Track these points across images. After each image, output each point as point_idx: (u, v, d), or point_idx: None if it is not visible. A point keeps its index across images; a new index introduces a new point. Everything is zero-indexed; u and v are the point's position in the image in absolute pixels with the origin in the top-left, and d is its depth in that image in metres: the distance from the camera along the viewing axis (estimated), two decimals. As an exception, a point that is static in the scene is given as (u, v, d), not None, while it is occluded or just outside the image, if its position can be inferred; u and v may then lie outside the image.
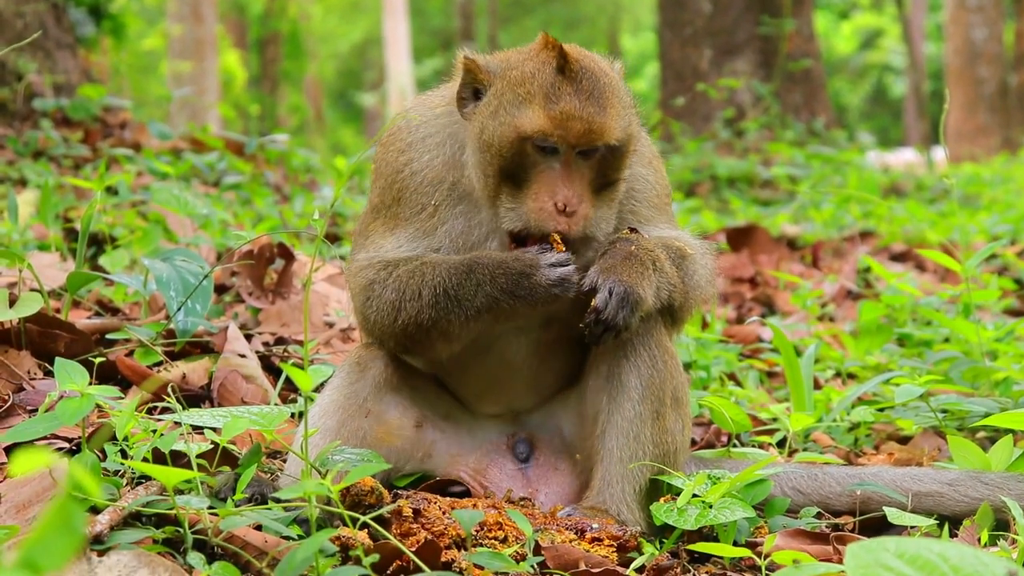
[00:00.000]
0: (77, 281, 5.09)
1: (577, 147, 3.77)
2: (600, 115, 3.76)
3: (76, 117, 10.62)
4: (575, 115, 3.74)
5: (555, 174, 3.78)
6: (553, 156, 3.78)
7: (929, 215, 12.48)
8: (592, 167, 3.81)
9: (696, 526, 3.71)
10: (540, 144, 3.76)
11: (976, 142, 30.59)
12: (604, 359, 4.00)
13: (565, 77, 3.78)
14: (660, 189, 4.21)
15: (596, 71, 3.84)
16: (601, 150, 3.79)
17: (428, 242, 4.02)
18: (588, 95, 3.77)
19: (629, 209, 4.09)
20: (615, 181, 3.89)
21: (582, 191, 3.79)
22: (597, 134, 3.75)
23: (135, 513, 3.36)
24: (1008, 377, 5.33)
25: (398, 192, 4.08)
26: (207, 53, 29.53)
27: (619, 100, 3.85)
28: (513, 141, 3.78)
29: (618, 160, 3.86)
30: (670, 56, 19.20)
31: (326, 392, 4.09)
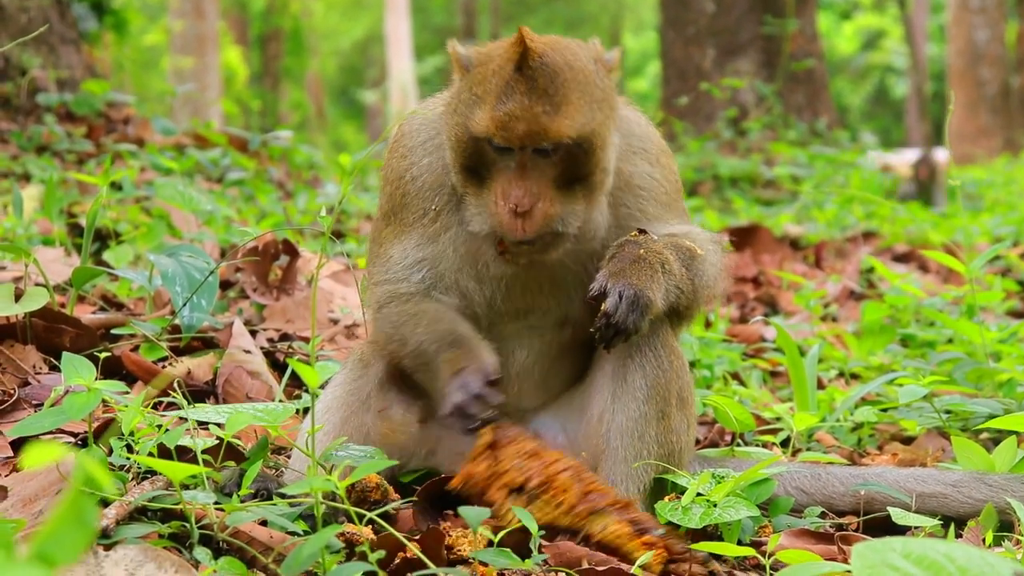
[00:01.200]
0: (82, 276, 5.09)
1: (526, 148, 3.71)
2: (549, 114, 3.67)
3: (80, 112, 10.62)
4: (520, 116, 3.66)
5: (511, 174, 3.74)
6: (509, 155, 3.73)
7: (932, 216, 12.48)
8: (554, 164, 3.74)
9: (701, 525, 3.71)
10: (493, 144, 3.73)
11: (978, 143, 30.60)
12: (610, 358, 3.99)
13: (522, 75, 3.69)
14: (669, 186, 4.17)
15: (559, 66, 3.73)
16: (560, 148, 3.72)
17: (433, 249, 4.03)
18: (541, 94, 3.68)
19: (637, 208, 4.07)
20: (587, 176, 3.80)
21: (539, 190, 3.72)
22: (543, 134, 3.67)
23: (141, 508, 3.36)
24: (1012, 378, 5.33)
25: (401, 198, 4.09)
26: (208, 49, 29.52)
27: (581, 96, 3.74)
28: (467, 141, 3.77)
29: (584, 157, 3.76)
30: (673, 55, 19.20)
31: (329, 389, 4.10)
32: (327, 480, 3.16)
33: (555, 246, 3.84)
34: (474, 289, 4.04)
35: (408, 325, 3.94)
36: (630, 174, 4.08)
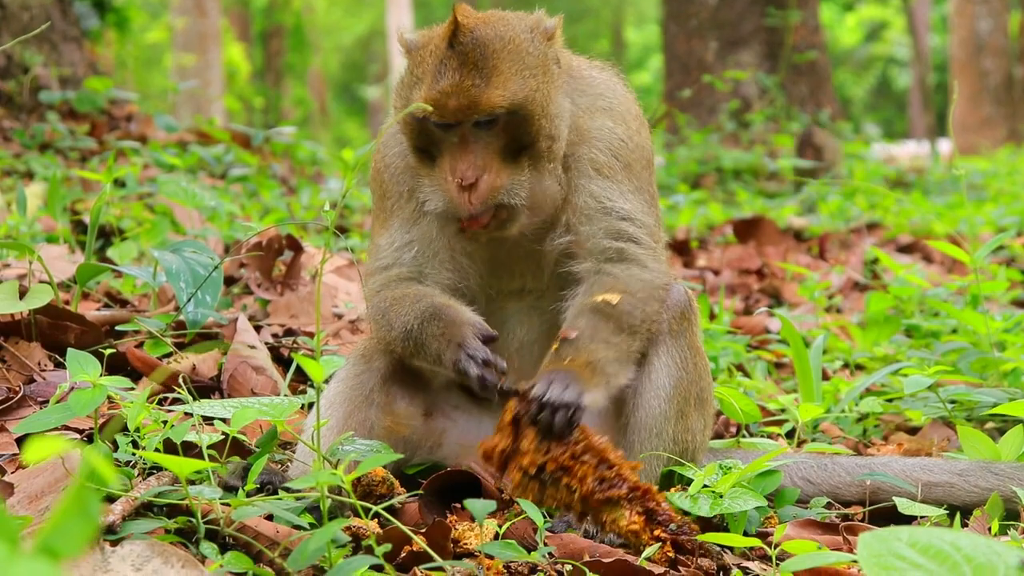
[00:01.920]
0: (87, 273, 5.09)
1: (463, 122, 3.76)
2: (480, 87, 3.73)
3: (82, 110, 10.62)
4: (451, 92, 3.73)
5: (455, 149, 3.80)
6: (452, 130, 3.79)
7: (935, 207, 12.47)
8: (496, 136, 3.79)
9: (711, 514, 3.73)
10: (433, 123, 3.79)
11: (981, 134, 30.54)
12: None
13: (453, 51, 3.77)
14: (631, 145, 4.10)
15: (488, 39, 3.79)
16: (498, 118, 3.77)
17: (418, 229, 4.07)
18: (471, 68, 3.75)
19: (589, 157, 4.03)
20: (532, 144, 3.83)
21: (484, 162, 3.77)
22: (475, 107, 3.73)
23: (147, 503, 3.37)
24: (1017, 367, 5.33)
25: (381, 187, 4.18)
26: (211, 46, 29.51)
27: (512, 64, 3.79)
28: (412, 122, 3.84)
29: (524, 124, 3.80)
30: (675, 48, 19.18)
31: (332, 384, 4.10)
32: (333, 474, 3.16)
33: (510, 220, 3.87)
34: (467, 265, 4.08)
35: (393, 309, 3.96)
36: (589, 128, 4.06)
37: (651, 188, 4.19)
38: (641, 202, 4.09)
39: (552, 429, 3.53)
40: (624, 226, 4.01)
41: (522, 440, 3.56)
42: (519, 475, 3.57)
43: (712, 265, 9.53)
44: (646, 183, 4.16)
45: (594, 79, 4.18)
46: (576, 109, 4.04)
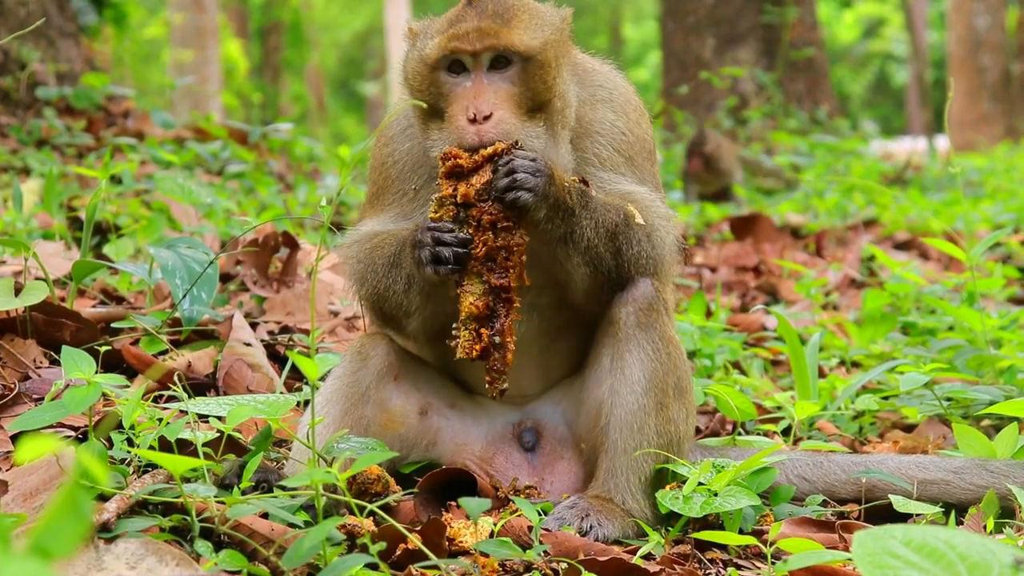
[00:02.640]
0: (82, 270, 5.09)
1: (479, 55, 3.83)
2: (499, 25, 3.83)
3: (79, 106, 10.62)
4: (471, 28, 3.82)
5: (467, 91, 3.85)
6: (464, 75, 3.86)
7: (932, 204, 12.47)
8: (511, 82, 3.85)
9: (702, 514, 3.72)
10: (447, 67, 3.86)
11: (979, 130, 30.57)
12: (607, 349, 4.00)
13: (471, 5, 3.89)
14: (633, 139, 4.16)
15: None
16: (514, 62, 3.84)
17: (409, 223, 4.09)
18: (491, 14, 3.85)
19: (593, 151, 4.09)
20: (547, 100, 3.89)
21: (496, 100, 3.82)
22: (494, 39, 3.81)
23: (142, 501, 3.36)
24: (1012, 365, 5.33)
25: (383, 181, 4.20)
26: (208, 42, 29.48)
27: (529, 16, 3.91)
28: (424, 73, 3.90)
29: (539, 73, 3.87)
30: (673, 45, 19.20)
31: (328, 381, 4.11)
32: (328, 472, 3.16)
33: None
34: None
35: (375, 251, 4.00)
36: (591, 120, 4.12)
37: (654, 178, 4.23)
38: (646, 189, 4.13)
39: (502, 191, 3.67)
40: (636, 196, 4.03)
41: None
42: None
43: (709, 262, 9.53)
44: (649, 173, 4.20)
45: (595, 71, 4.24)
46: (578, 99, 4.06)
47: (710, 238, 10.81)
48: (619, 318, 3.97)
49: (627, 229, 3.91)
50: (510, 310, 3.70)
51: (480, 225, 3.65)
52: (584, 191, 3.83)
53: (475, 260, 3.68)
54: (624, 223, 3.90)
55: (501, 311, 3.69)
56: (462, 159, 3.63)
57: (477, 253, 3.66)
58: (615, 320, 3.98)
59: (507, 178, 3.64)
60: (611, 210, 3.89)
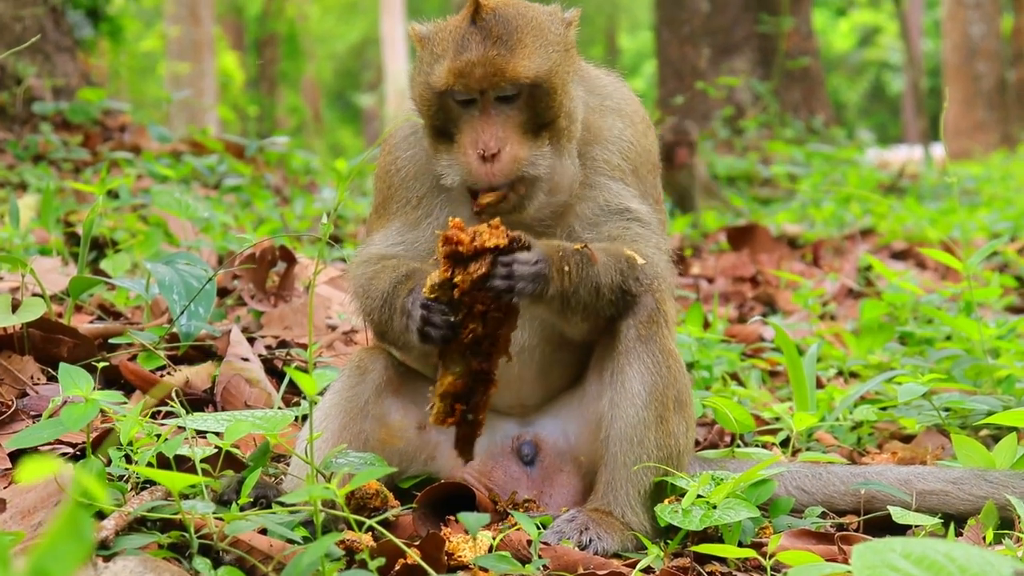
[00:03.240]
0: (79, 286, 5.09)
1: (488, 92, 3.81)
2: (506, 57, 3.79)
3: (76, 120, 10.61)
4: (477, 62, 3.78)
5: (476, 122, 3.84)
6: (473, 106, 3.84)
7: (929, 213, 12.48)
8: (519, 110, 3.85)
9: (701, 527, 3.71)
10: (455, 97, 3.84)
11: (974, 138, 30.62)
12: (607, 363, 3.99)
13: (476, 27, 3.84)
14: (641, 150, 4.18)
15: (511, 15, 3.87)
16: (521, 91, 3.83)
17: (414, 235, 4.11)
18: (496, 39, 3.81)
19: (603, 159, 4.10)
20: (552, 120, 3.89)
21: (505, 134, 3.81)
22: (501, 75, 3.79)
23: (140, 518, 3.36)
24: (1011, 375, 5.33)
25: (387, 190, 4.20)
26: (205, 54, 29.50)
27: (535, 39, 3.87)
28: (431, 98, 3.89)
29: (546, 98, 3.86)
30: (668, 55, 19.22)
31: (327, 396, 4.10)
32: (327, 488, 3.16)
33: (529, 198, 3.89)
34: None
35: (374, 280, 3.97)
36: (600, 127, 4.13)
37: (656, 192, 4.25)
38: (647, 206, 4.14)
39: (498, 292, 3.58)
40: (631, 224, 4.04)
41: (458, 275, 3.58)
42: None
43: (706, 273, 9.53)
44: (651, 186, 4.22)
45: (602, 80, 4.27)
46: (586, 107, 4.08)
47: (707, 248, 10.81)
48: (619, 331, 3.97)
49: (628, 278, 3.91)
50: (488, 388, 3.68)
51: (471, 312, 3.60)
52: (585, 259, 3.79)
53: (461, 343, 3.65)
54: (624, 275, 3.90)
55: (479, 390, 3.67)
56: (463, 245, 3.56)
57: (464, 339, 3.62)
58: (616, 332, 3.98)
59: (505, 281, 3.58)
60: (611, 269, 3.87)
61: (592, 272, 3.79)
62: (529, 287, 3.61)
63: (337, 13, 55.06)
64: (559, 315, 3.89)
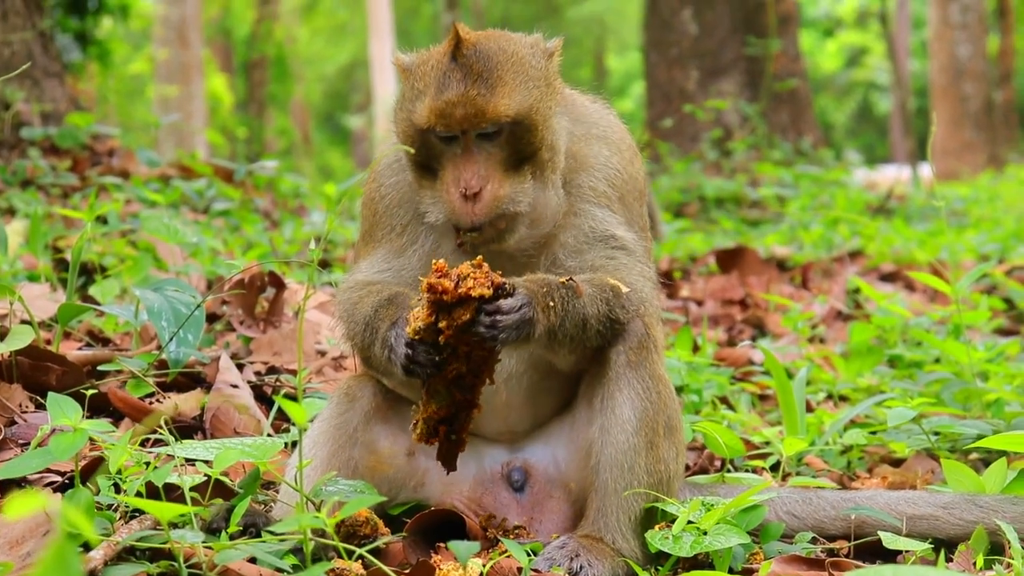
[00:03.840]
0: (68, 313, 5.07)
1: (469, 131, 3.82)
2: (486, 96, 3.80)
3: (64, 145, 10.60)
4: (457, 102, 3.79)
5: (458, 160, 3.85)
6: (455, 143, 3.85)
7: (917, 234, 12.51)
8: (500, 147, 3.85)
9: (691, 553, 3.70)
10: (437, 135, 3.84)
11: (962, 159, 30.72)
12: (597, 389, 3.99)
13: (456, 64, 3.85)
14: (625, 176, 4.18)
15: (492, 51, 3.88)
16: (502, 129, 3.83)
17: (400, 262, 4.13)
18: (476, 78, 3.82)
19: (589, 186, 4.11)
20: (534, 154, 3.89)
21: (487, 172, 3.82)
22: (482, 116, 3.79)
23: (129, 548, 3.35)
24: (999, 398, 5.33)
25: (372, 217, 4.21)
26: (193, 77, 29.54)
27: (515, 76, 3.87)
28: (413, 134, 3.89)
29: (527, 135, 3.86)
30: (656, 77, 19.27)
31: (316, 423, 4.10)
32: (316, 517, 3.15)
33: (509, 231, 3.91)
34: None
35: (358, 305, 3.97)
36: (586, 155, 4.14)
37: (642, 220, 4.25)
38: (633, 234, 4.14)
39: (483, 338, 3.58)
40: (615, 253, 4.04)
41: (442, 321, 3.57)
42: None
43: (695, 295, 9.54)
44: (637, 214, 4.22)
45: (587, 108, 4.26)
46: (571, 136, 4.07)
47: (696, 271, 10.82)
48: (609, 357, 3.97)
49: (614, 307, 3.91)
50: (471, 412, 3.69)
51: (455, 352, 3.60)
52: (571, 293, 3.78)
53: (445, 377, 3.64)
54: (610, 304, 3.90)
55: (462, 415, 3.68)
56: (447, 294, 3.56)
57: (448, 375, 3.62)
58: (605, 359, 3.98)
59: (489, 330, 3.58)
60: (597, 300, 3.86)
61: (578, 305, 3.78)
62: (513, 335, 3.61)
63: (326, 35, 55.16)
64: (547, 349, 3.90)
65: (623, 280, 3.95)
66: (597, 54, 56.41)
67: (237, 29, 46.45)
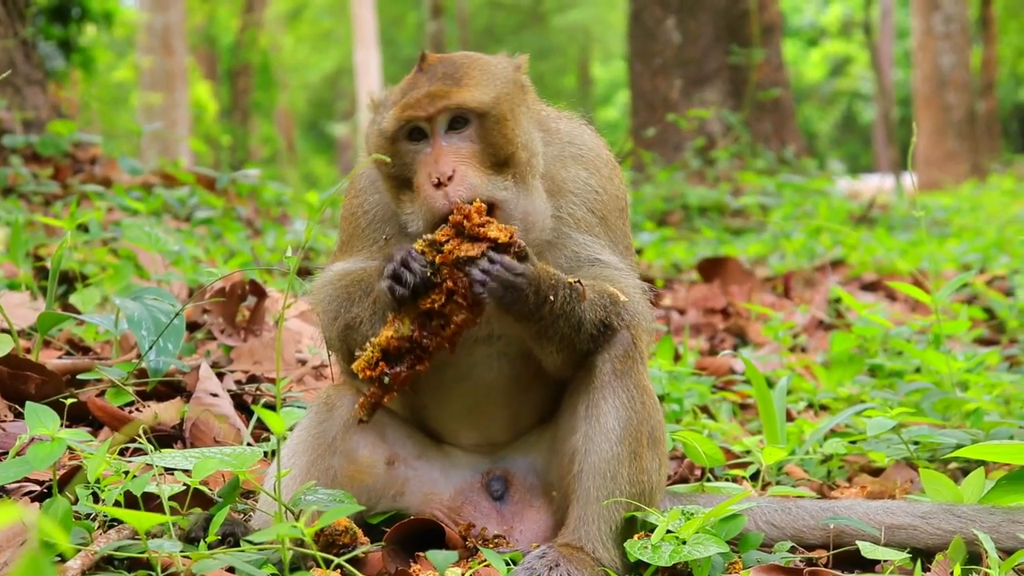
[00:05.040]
0: (47, 321, 5.07)
1: (434, 119, 3.84)
2: (450, 86, 3.84)
3: (46, 153, 10.58)
4: (424, 94, 3.83)
5: (428, 157, 3.85)
6: (424, 141, 3.87)
7: (899, 244, 12.54)
8: (471, 140, 3.86)
9: (670, 563, 3.70)
10: (407, 136, 3.87)
11: (945, 168, 30.82)
12: (582, 397, 3.98)
13: (422, 72, 3.92)
14: (606, 197, 4.17)
15: (457, 57, 3.96)
16: (470, 120, 3.85)
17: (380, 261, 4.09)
18: (441, 76, 3.87)
19: (568, 212, 4.09)
20: (511, 153, 3.89)
21: (458, 160, 3.82)
22: (445, 99, 3.82)
23: (107, 557, 3.35)
24: (979, 408, 5.35)
25: (353, 230, 4.21)
26: (177, 85, 29.51)
27: (480, 72, 3.92)
28: (384, 147, 3.90)
29: (497, 128, 3.87)
30: (640, 86, 19.30)
31: (295, 433, 4.10)
32: (294, 527, 3.15)
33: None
34: None
35: (353, 284, 3.99)
36: (562, 179, 4.12)
37: (626, 239, 4.25)
38: (617, 255, 4.15)
39: (471, 280, 3.64)
40: (606, 271, 4.05)
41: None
42: None
43: (677, 304, 9.55)
44: (621, 233, 4.22)
45: (560, 128, 4.23)
46: (547, 157, 4.06)
47: (678, 280, 10.83)
48: (595, 365, 3.97)
49: (611, 314, 3.93)
50: (416, 365, 3.70)
51: (441, 285, 3.65)
52: (575, 294, 3.80)
53: (417, 307, 3.68)
54: (607, 311, 3.92)
55: (407, 360, 3.69)
56: (469, 221, 3.60)
57: (422, 304, 3.67)
58: (591, 367, 3.98)
59: (482, 274, 3.62)
60: (597, 305, 3.88)
61: (578, 308, 3.80)
62: (499, 292, 3.64)
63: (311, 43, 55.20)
64: (535, 340, 3.90)
65: (621, 289, 3.97)
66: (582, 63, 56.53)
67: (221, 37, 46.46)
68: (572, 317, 3.80)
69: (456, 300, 3.64)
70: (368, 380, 3.71)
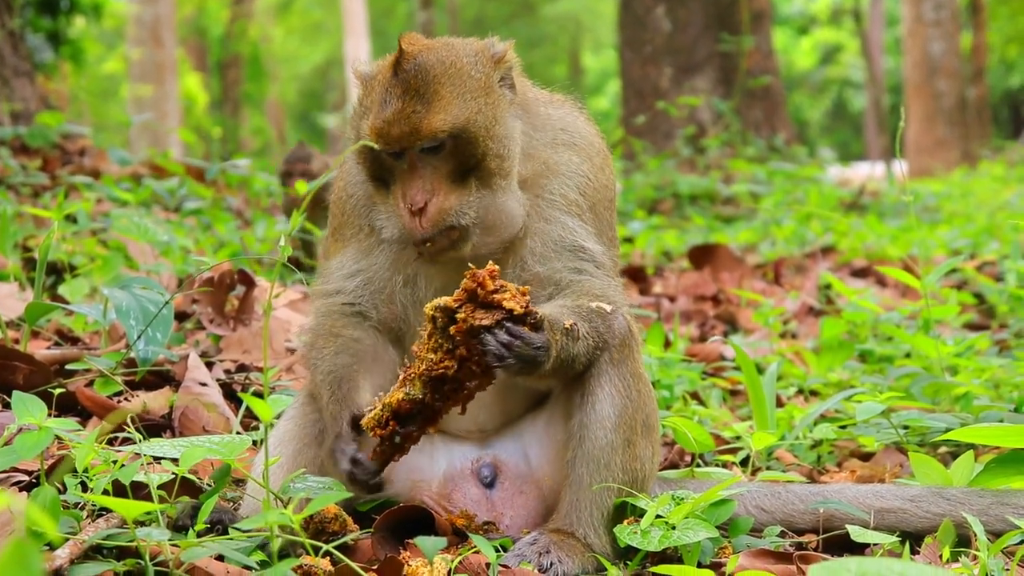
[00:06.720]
0: (36, 312, 5.06)
1: (409, 149, 3.82)
2: (420, 114, 3.79)
3: (34, 145, 10.57)
4: (394, 120, 3.80)
5: (405, 175, 3.86)
6: (401, 158, 3.86)
7: (889, 230, 12.56)
8: (444, 160, 3.85)
9: (660, 548, 3.70)
10: (383, 151, 3.86)
11: (935, 155, 30.84)
12: (577, 384, 3.98)
13: (397, 79, 3.85)
14: (596, 185, 4.17)
15: (430, 64, 3.86)
16: (443, 143, 3.82)
17: (368, 261, 4.12)
18: (413, 94, 3.82)
19: (560, 193, 4.09)
20: (478, 164, 3.87)
21: (432, 186, 3.83)
22: (417, 134, 3.79)
23: (96, 546, 3.34)
24: (968, 392, 5.36)
25: (342, 216, 4.22)
26: (167, 76, 29.48)
27: (452, 89, 3.86)
28: (364, 151, 3.91)
29: (468, 147, 3.85)
30: (630, 75, 19.30)
31: (282, 422, 4.10)
32: (283, 514, 3.15)
33: (462, 240, 3.91)
34: (407, 299, 4.10)
35: (315, 347, 4.05)
36: (555, 162, 4.11)
37: (612, 230, 4.25)
38: (601, 244, 4.13)
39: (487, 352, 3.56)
40: (584, 264, 4.04)
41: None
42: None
43: (668, 292, 9.55)
44: (607, 225, 4.21)
45: (551, 115, 4.20)
46: (532, 141, 4.05)
47: (669, 267, 10.84)
48: None
49: (603, 334, 3.91)
50: (428, 424, 3.67)
51: (453, 351, 3.58)
52: (571, 339, 3.78)
53: (429, 371, 3.63)
54: (600, 333, 3.90)
55: (418, 422, 3.66)
56: (483, 289, 3.52)
57: (433, 370, 3.59)
58: None
59: (499, 347, 3.56)
60: (589, 339, 3.86)
61: (573, 349, 3.79)
62: (517, 366, 3.59)
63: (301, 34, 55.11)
64: (531, 381, 3.94)
65: (599, 296, 3.96)
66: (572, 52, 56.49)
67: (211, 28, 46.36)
68: (568, 357, 3.79)
69: (469, 367, 3.60)
70: (376, 437, 3.69)
